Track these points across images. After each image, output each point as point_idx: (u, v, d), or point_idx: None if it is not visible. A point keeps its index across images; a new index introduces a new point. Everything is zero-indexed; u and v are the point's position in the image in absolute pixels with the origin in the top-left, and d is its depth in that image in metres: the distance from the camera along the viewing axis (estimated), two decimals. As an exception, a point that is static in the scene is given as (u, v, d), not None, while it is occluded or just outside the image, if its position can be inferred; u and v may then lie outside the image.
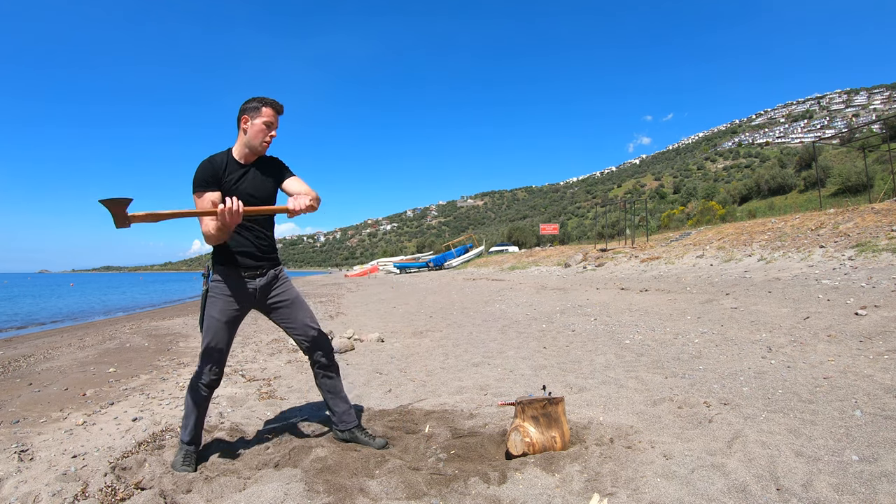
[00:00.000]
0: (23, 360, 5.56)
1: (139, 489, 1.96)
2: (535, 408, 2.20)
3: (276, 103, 2.24)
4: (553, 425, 2.17)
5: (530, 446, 2.14)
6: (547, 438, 2.16)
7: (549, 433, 2.17)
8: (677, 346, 4.11)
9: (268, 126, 2.21)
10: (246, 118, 2.20)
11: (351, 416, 2.45)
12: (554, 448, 2.16)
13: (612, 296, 8.18)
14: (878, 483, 1.67)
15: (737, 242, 12.04)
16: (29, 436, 2.72)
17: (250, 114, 2.19)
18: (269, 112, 2.20)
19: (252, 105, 2.20)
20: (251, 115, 2.19)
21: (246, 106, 2.21)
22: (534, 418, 2.19)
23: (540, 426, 2.17)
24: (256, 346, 5.81)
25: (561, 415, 2.20)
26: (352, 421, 2.45)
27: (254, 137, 2.20)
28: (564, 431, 2.20)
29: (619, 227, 30.89)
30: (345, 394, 2.49)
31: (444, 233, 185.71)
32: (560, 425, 2.19)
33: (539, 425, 2.17)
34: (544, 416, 2.18)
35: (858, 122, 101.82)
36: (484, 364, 4.09)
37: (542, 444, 2.15)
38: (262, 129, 2.20)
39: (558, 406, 2.19)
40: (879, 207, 10.72)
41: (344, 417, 2.44)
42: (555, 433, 2.17)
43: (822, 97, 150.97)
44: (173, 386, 3.88)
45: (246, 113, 2.20)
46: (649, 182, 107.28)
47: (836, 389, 2.65)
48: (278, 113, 2.25)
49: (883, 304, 4.60)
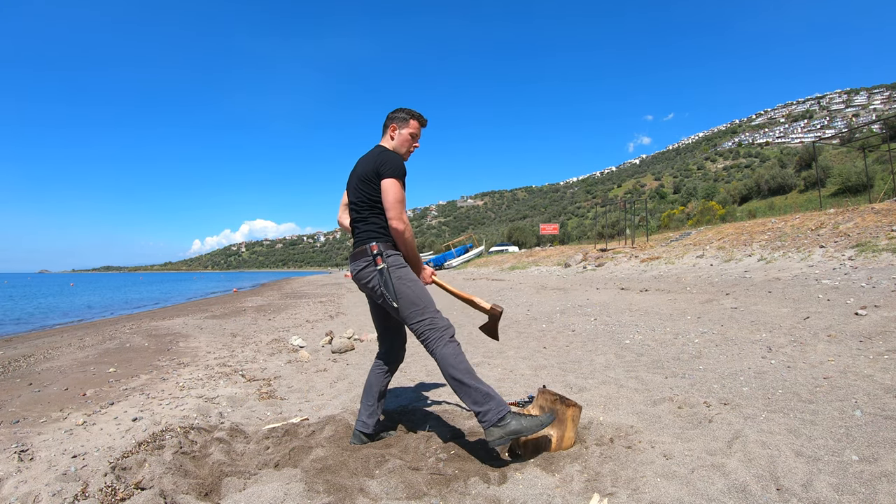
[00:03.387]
0: (23, 360, 5.56)
1: (139, 489, 1.96)
2: (548, 399, 2.21)
3: (422, 117, 2.45)
4: (556, 424, 2.16)
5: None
6: (543, 433, 2.15)
7: (548, 429, 2.15)
8: (677, 346, 4.11)
9: (413, 137, 2.41)
10: (394, 126, 2.39)
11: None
12: (547, 446, 2.14)
13: (612, 296, 8.18)
14: (878, 483, 1.67)
15: (737, 242, 12.04)
16: (29, 436, 2.72)
17: (398, 123, 2.39)
18: (415, 125, 2.41)
19: (401, 116, 2.39)
20: (399, 125, 2.39)
21: (395, 115, 2.40)
22: (541, 408, 2.21)
23: None
24: (256, 346, 5.81)
25: (568, 420, 2.16)
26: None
27: (400, 146, 2.39)
28: (565, 436, 2.16)
29: (619, 227, 30.89)
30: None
31: (444, 233, 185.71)
32: (563, 428, 2.16)
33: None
34: (551, 410, 2.17)
35: (858, 122, 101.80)
36: (484, 364, 4.08)
37: (534, 437, 2.15)
38: (408, 139, 2.40)
39: (568, 409, 2.16)
40: (879, 207, 10.71)
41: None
42: (553, 432, 2.16)
43: (822, 97, 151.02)
44: (173, 386, 3.88)
45: (394, 122, 2.40)
46: (649, 182, 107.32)
47: (836, 389, 2.65)
48: (422, 126, 2.46)
49: (883, 304, 4.60)
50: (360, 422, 2.44)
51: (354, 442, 2.41)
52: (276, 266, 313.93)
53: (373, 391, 2.47)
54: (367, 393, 2.48)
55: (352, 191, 2.40)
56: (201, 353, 5.61)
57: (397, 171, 2.24)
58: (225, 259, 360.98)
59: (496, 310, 2.49)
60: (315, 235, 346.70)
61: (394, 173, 2.23)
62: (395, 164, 2.24)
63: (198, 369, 4.53)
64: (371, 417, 2.43)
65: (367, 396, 2.47)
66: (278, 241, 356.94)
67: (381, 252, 2.23)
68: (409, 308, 2.18)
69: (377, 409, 2.46)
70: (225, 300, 17.50)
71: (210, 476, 2.09)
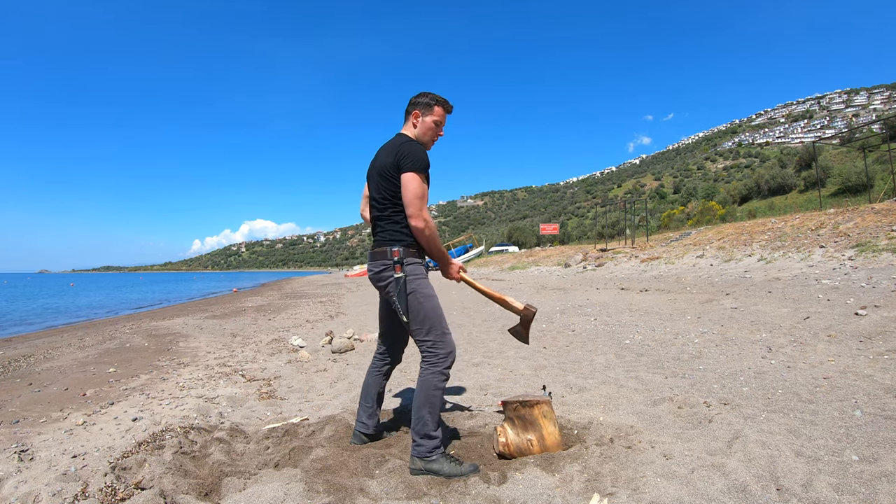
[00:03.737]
0: (23, 360, 5.56)
1: (139, 489, 1.96)
2: (511, 409, 2.18)
3: (447, 103, 2.27)
4: (529, 428, 2.14)
5: (505, 446, 2.13)
6: (522, 441, 2.14)
7: (524, 435, 2.14)
8: (677, 346, 4.11)
9: (437, 125, 2.24)
10: (417, 113, 2.22)
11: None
12: (531, 451, 2.12)
13: (612, 296, 8.18)
14: (878, 483, 1.67)
15: (737, 242, 12.04)
16: (29, 436, 2.72)
17: (421, 109, 2.22)
18: (440, 111, 2.24)
19: (424, 101, 2.22)
20: (423, 111, 2.22)
21: (417, 101, 2.23)
22: (510, 420, 2.17)
23: (516, 428, 2.15)
24: (256, 346, 5.81)
25: (539, 418, 2.13)
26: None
27: (423, 134, 2.23)
28: (544, 435, 2.14)
29: (619, 227, 30.89)
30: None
31: (444, 233, 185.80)
32: (538, 428, 2.14)
33: (515, 427, 2.16)
34: (518, 418, 2.15)
35: (858, 122, 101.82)
36: (484, 364, 4.08)
37: (516, 446, 2.13)
38: (432, 126, 2.23)
39: (534, 409, 2.13)
40: (879, 207, 10.71)
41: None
42: (531, 436, 2.13)
43: (822, 97, 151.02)
44: (173, 386, 3.88)
45: (417, 108, 2.22)
46: (649, 182, 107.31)
47: (836, 389, 2.65)
48: (448, 113, 2.28)
49: (883, 304, 4.60)
50: (359, 422, 2.43)
51: (355, 442, 2.40)
52: (276, 266, 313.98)
53: (370, 393, 2.45)
54: (364, 395, 2.47)
55: (372, 185, 2.26)
56: (201, 353, 5.61)
57: (418, 163, 2.08)
58: (225, 259, 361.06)
59: (529, 310, 2.32)
60: (315, 235, 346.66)
61: (414, 166, 2.07)
62: (416, 156, 2.08)
63: (198, 369, 4.53)
64: (371, 418, 2.43)
65: (365, 398, 2.46)
66: (278, 241, 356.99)
67: (402, 260, 2.12)
68: (416, 325, 2.12)
69: (376, 409, 2.45)
70: (225, 300, 17.50)
71: (210, 476, 2.09)
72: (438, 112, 2.23)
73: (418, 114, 2.22)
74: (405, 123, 2.28)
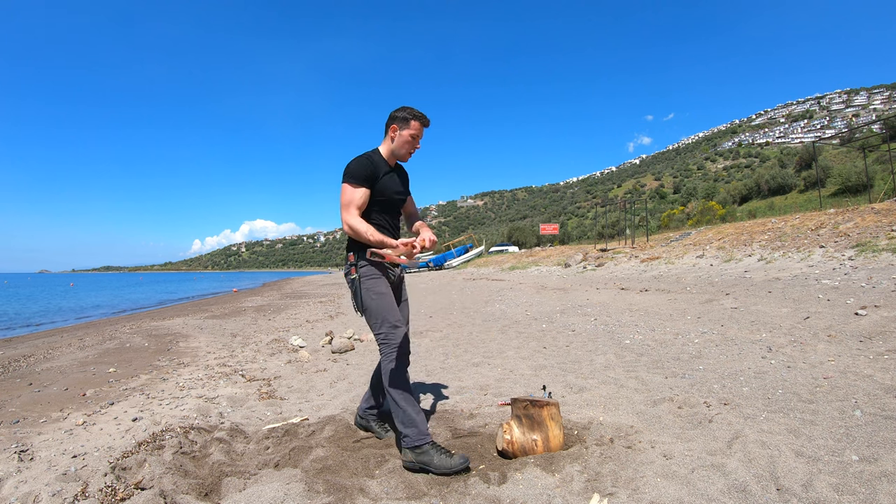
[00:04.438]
0: (23, 360, 5.56)
1: (139, 489, 1.96)
2: (519, 407, 2.20)
3: (424, 117, 2.37)
4: (536, 428, 2.15)
5: (510, 444, 2.14)
6: (527, 440, 2.14)
7: (530, 435, 2.15)
8: (677, 346, 4.11)
9: (413, 138, 2.35)
10: (395, 127, 2.33)
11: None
12: (535, 451, 2.13)
13: (612, 296, 8.18)
14: (878, 483, 1.67)
15: (737, 242, 12.04)
16: (29, 436, 2.72)
17: (399, 124, 2.33)
18: (416, 125, 2.34)
19: (402, 115, 2.33)
20: (400, 125, 2.33)
21: (396, 115, 2.34)
22: (518, 418, 2.19)
23: (522, 426, 2.16)
24: (256, 346, 5.81)
25: (547, 419, 2.16)
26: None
27: (400, 147, 2.34)
28: (550, 437, 2.15)
29: (619, 227, 30.89)
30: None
31: (444, 233, 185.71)
32: (545, 429, 2.15)
33: (522, 426, 2.17)
34: (526, 417, 2.16)
35: (858, 122, 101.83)
36: (484, 364, 4.08)
37: (520, 445, 2.14)
38: (409, 140, 2.34)
39: (543, 410, 2.16)
40: (879, 207, 10.72)
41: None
42: (536, 436, 2.15)
43: (822, 97, 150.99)
44: (173, 386, 3.88)
45: (395, 122, 2.33)
46: (649, 182, 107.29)
47: (836, 389, 2.65)
48: (425, 126, 2.38)
49: (883, 304, 4.60)
50: (361, 409, 2.64)
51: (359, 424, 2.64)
52: (276, 266, 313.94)
53: (375, 382, 2.62)
54: (373, 388, 2.63)
55: None
56: (201, 353, 5.61)
57: (348, 173, 2.24)
58: (225, 259, 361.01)
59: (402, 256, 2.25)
60: (315, 235, 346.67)
61: (345, 177, 2.24)
62: (349, 167, 2.25)
63: (198, 369, 4.53)
64: (372, 409, 2.62)
65: (374, 391, 2.62)
66: (278, 241, 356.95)
67: (356, 262, 2.29)
68: (370, 319, 2.27)
69: (381, 402, 2.61)
70: (225, 300, 17.50)
71: (210, 476, 2.09)
72: (415, 126, 2.33)
73: (396, 127, 2.33)
74: (385, 137, 2.39)
